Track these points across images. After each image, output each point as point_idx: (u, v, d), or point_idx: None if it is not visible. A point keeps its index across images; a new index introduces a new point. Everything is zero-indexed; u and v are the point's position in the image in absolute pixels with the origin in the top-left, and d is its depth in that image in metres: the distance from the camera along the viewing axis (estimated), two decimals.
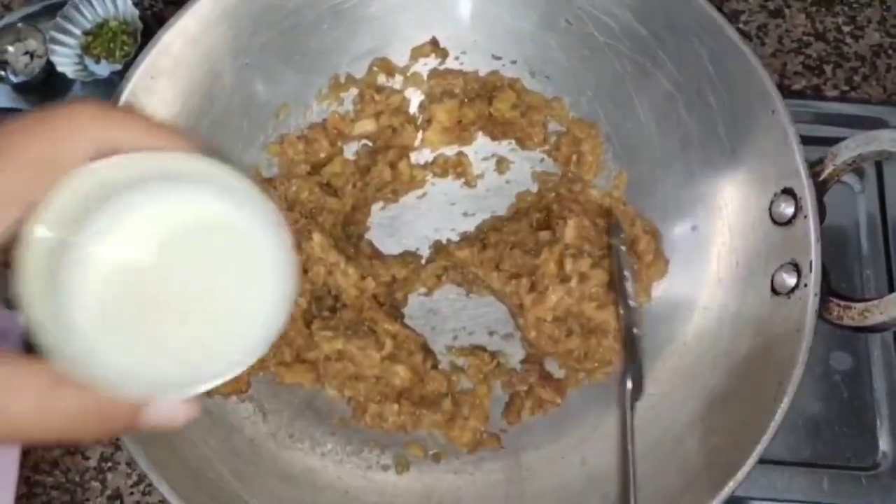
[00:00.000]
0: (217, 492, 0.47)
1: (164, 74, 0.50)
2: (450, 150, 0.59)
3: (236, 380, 0.52)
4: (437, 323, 0.57)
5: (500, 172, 0.59)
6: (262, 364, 0.53)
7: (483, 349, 0.55)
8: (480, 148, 0.59)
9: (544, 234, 0.54)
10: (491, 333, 0.56)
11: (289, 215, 0.56)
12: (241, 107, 0.55)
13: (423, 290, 0.57)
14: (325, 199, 0.55)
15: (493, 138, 0.59)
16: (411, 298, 0.57)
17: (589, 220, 0.54)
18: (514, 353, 0.56)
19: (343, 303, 0.54)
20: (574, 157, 0.57)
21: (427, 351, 0.55)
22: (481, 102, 0.58)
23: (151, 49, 0.49)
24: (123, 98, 0.49)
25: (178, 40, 0.50)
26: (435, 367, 0.55)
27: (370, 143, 0.59)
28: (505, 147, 0.59)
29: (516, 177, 0.59)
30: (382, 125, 0.58)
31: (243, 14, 0.52)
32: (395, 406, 0.53)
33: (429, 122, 0.58)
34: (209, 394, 0.51)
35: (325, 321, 0.53)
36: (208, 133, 0.53)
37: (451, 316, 0.57)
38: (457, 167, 0.59)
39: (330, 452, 0.52)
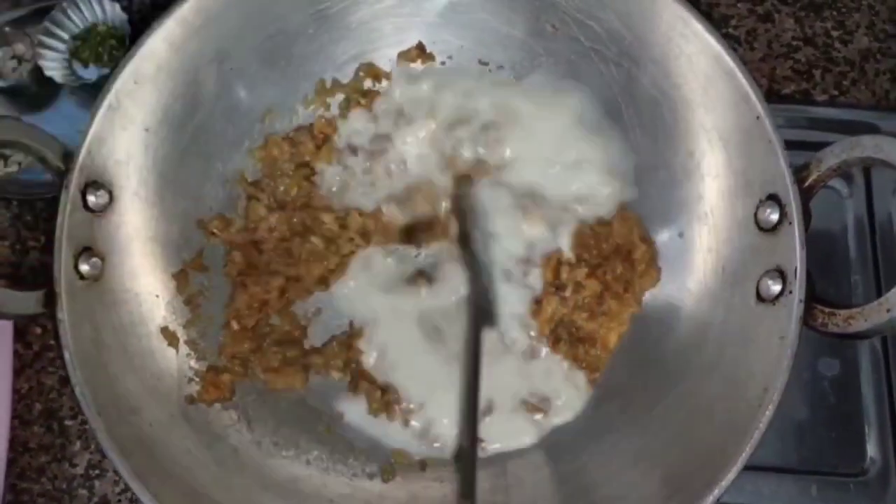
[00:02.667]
0: (201, 501, 0.46)
1: (148, 79, 0.50)
2: None
3: (220, 387, 0.52)
4: None
5: None
6: (245, 370, 0.53)
7: None
8: None
9: None
10: None
11: (281, 215, 0.56)
12: (225, 112, 0.54)
13: None
14: (314, 193, 0.56)
15: None
16: None
17: (588, 228, 0.54)
18: None
19: None
20: None
21: None
22: None
23: (135, 54, 0.49)
24: (106, 103, 0.48)
25: (161, 45, 0.50)
26: None
27: None
28: None
29: None
30: None
31: (228, 19, 0.52)
32: None
33: None
34: (192, 401, 0.51)
35: None
36: (193, 138, 0.53)
37: None
38: None
39: (315, 460, 0.52)
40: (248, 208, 0.56)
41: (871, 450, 0.56)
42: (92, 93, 0.64)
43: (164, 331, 0.51)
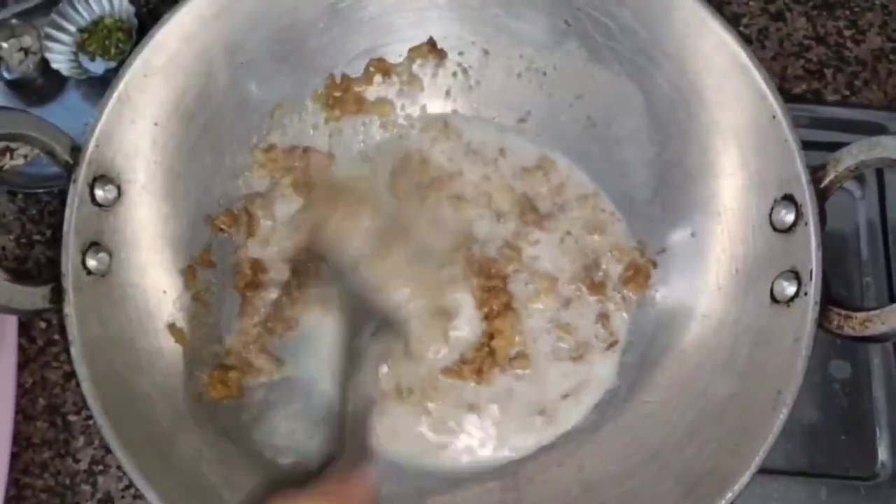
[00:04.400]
0: (208, 500, 0.46)
1: (158, 72, 0.49)
2: None
3: (227, 384, 0.51)
4: None
5: None
6: (249, 367, 0.53)
7: None
8: None
9: None
10: None
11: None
12: (235, 106, 0.54)
13: None
14: None
15: None
16: None
17: None
18: None
19: None
20: None
21: None
22: None
23: (145, 46, 0.49)
24: (115, 95, 0.48)
25: (172, 38, 0.49)
26: None
27: None
28: None
29: None
30: None
31: (239, 12, 0.51)
32: None
33: None
34: (199, 398, 0.51)
35: None
36: (202, 133, 0.53)
37: None
38: None
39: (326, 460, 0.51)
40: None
41: (882, 453, 0.56)
42: (98, 86, 0.64)
43: (172, 327, 0.51)
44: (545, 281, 0.55)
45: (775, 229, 0.47)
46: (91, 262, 0.47)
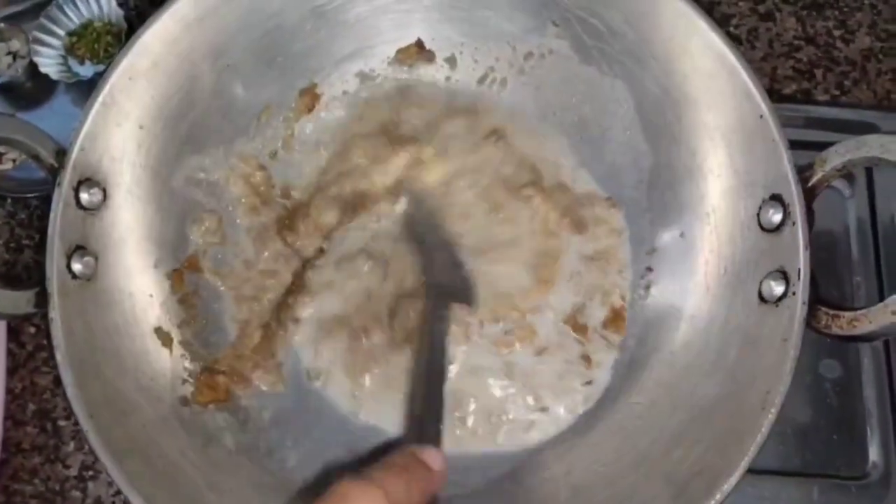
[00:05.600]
0: None
1: (143, 75, 0.49)
2: None
3: (214, 388, 0.51)
4: None
5: None
6: (242, 378, 0.53)
7: None
8: None
9: None
10: None
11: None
12: (221, 109, 0.54)
13: None
14: None
15: None
16: None
17: None
18: None
19: None
20: None
21: None
22: None
23: (130, 49, 0.49)
24: (101, 98, 0.48)
25: (157, 41, 0.49)
26: None
27: None
28: None
29: None
30: None
31: (224, 15, 0.51)
32: None
33: None
34: (186, 403, 0.51)
35: None
36: (188, 136, 0.53)
37: None
38: None
39: (312, 462, 0.51)
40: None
41: (873, 453, 0.56)
42: (87, 90, 0.63)
43: (158, 331, 0.51)
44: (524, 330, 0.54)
45: (763, 229, 0.47)
46: (76, 266, 0.46)
